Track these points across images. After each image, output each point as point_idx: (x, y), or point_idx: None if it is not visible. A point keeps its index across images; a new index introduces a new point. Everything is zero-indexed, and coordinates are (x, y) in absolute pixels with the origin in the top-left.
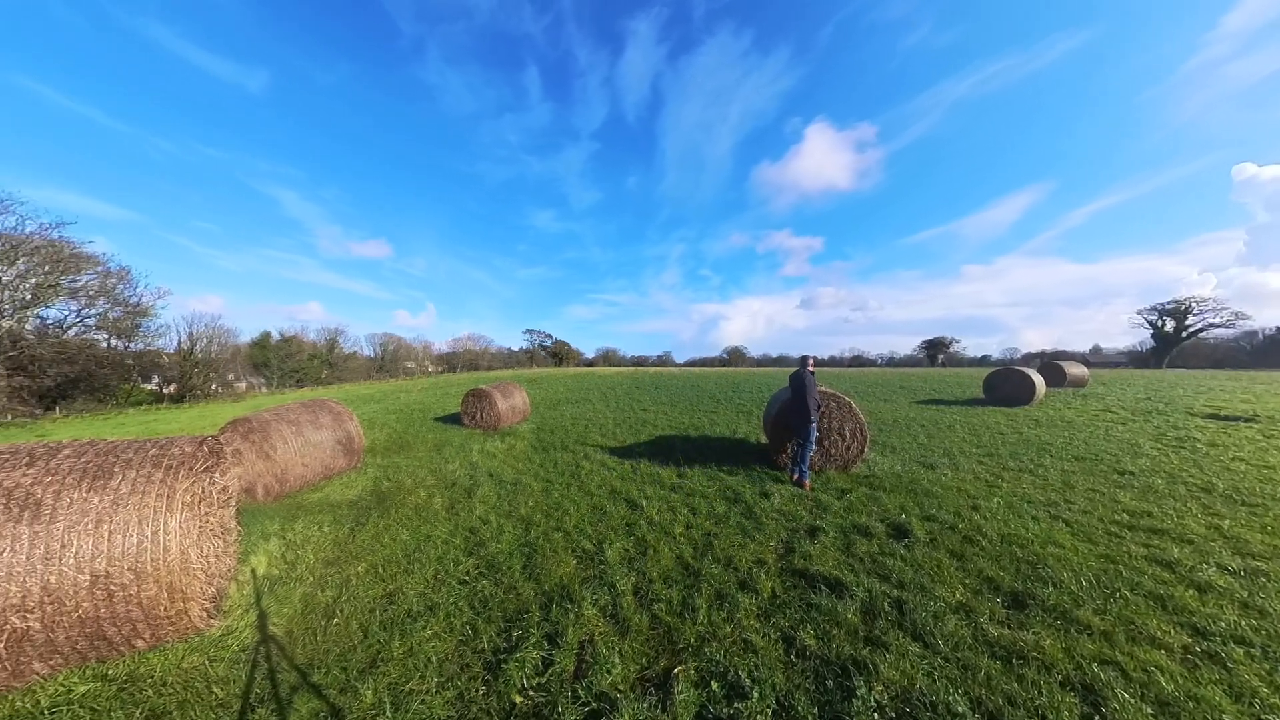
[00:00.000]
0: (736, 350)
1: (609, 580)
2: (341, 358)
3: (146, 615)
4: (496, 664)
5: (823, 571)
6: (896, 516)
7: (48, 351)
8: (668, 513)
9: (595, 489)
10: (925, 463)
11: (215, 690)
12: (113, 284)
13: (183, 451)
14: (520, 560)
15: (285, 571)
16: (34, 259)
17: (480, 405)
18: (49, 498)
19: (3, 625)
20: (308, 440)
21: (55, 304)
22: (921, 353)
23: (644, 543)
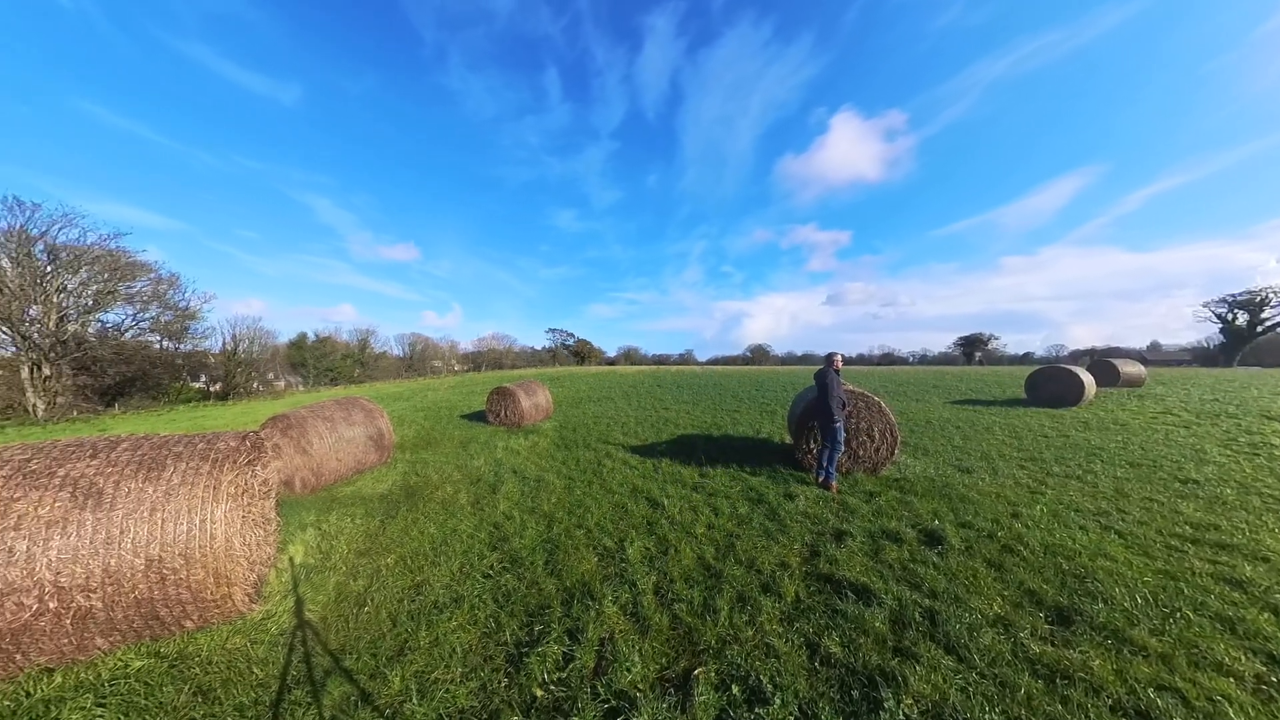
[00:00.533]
0: (760, 348)
1: (630, 578)
2: (372, 357)
3: (195, 598)
4: (518, 657)
5: (849, 577)
6: (929, 522)
7: (107, 353)
8: (689, 512)
9: (617, 487)
10: (961, 466)
11: (256, 670)
12: (164, 289)
13: (228, 446)
14: (543, 556)
15: (320, 561)
16: (95, 268)
17: (504, 403)
18: (110, 487)
19: (69, 603)
20: (341, 436)
21: (114, 309)
22: (957, 350)
23: (665, 542)
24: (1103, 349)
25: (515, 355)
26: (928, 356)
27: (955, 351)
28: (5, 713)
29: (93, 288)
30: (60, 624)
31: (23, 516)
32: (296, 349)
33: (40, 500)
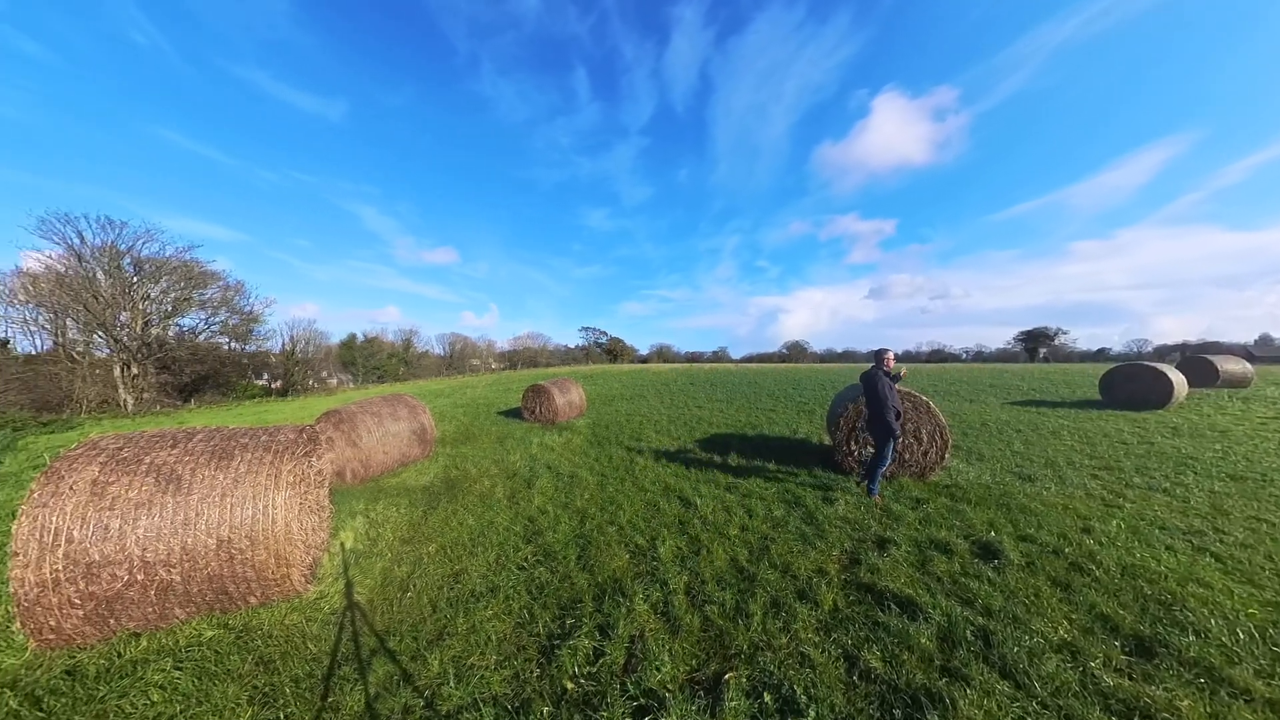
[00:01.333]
0: (797, 345)
1: (661, 577)
2: (415, 356)
3: (258, 576)
4: (550, 649)
5: (893, 588)
6: (984, 534)
7: (184, 353)
8: (722, 513)
9: (649, 485)
10: (1021, 474)
11: (310, 646)
12: (231, 296)
13: (287, 438)
14: (575, 551)
15: (368, 547)
16: (173, 277)
17: (539, 400)
18: (187, 473)
19: (154, 576)
20: (388, 431)
21: (189, 314)
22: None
23: (697, 542)
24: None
25: (549, 353)
26: (984, 353)
27: (1016, 347)
28: (101, 670)
29: (171, 295)
30: (146, 594)
31: (116, 498)
32: (347, 349)
33: (130, 484)
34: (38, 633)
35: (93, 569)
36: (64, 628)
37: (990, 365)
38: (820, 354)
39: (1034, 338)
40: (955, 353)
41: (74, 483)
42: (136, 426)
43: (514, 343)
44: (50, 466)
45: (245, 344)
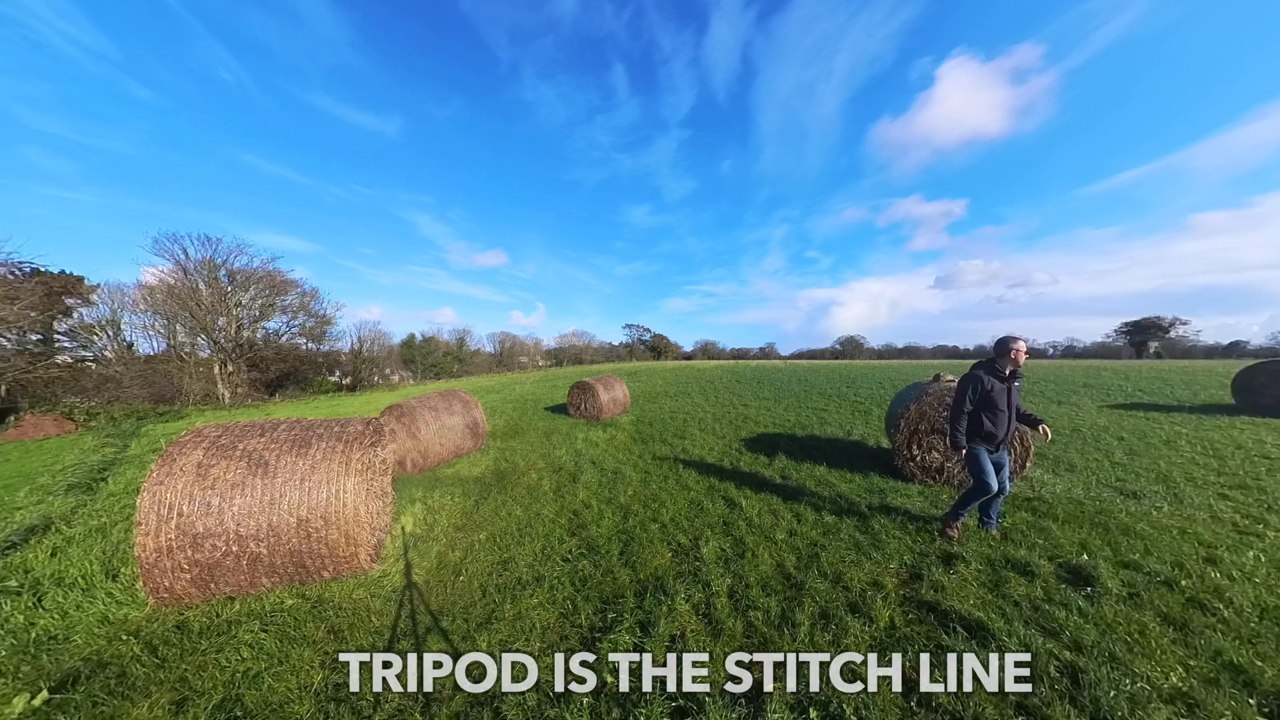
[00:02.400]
0: (852, 340)
1: (704, 578)
2: (468, 354)
3: (330, 553)
4: (592, 641)
5: (960, 610)
6: (1074, 556)
7: (270, 353)
8: (769, 515)
9: (693, 484)
10: (1124, 489)
11: (373, 619)
12: (308, 301)
13: (356, 429)
14: (618, 546)
15: (425, 532)
16: (259, 286)
17: (584, 397)
18: (273, 459)
19: (245, 548)
20: (444, 424)
21: (273, 318)
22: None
23: (742, 544)
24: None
25: (594, 351)
26: (1075, 348)
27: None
28: (203, 627)
29: (258, 302)
30: (239, 564)
31: (216, 479)
32: (407, 348)
33: (227, 467)
34: (155, 591)
35: (198, 539)
36: (175, 589)
37: (1084, 362)
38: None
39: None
40: (1039, 348)
41: (183, 465)
42: (232, 417)
43: (560, 340)
44: (165, 451)
45: (319, 344)
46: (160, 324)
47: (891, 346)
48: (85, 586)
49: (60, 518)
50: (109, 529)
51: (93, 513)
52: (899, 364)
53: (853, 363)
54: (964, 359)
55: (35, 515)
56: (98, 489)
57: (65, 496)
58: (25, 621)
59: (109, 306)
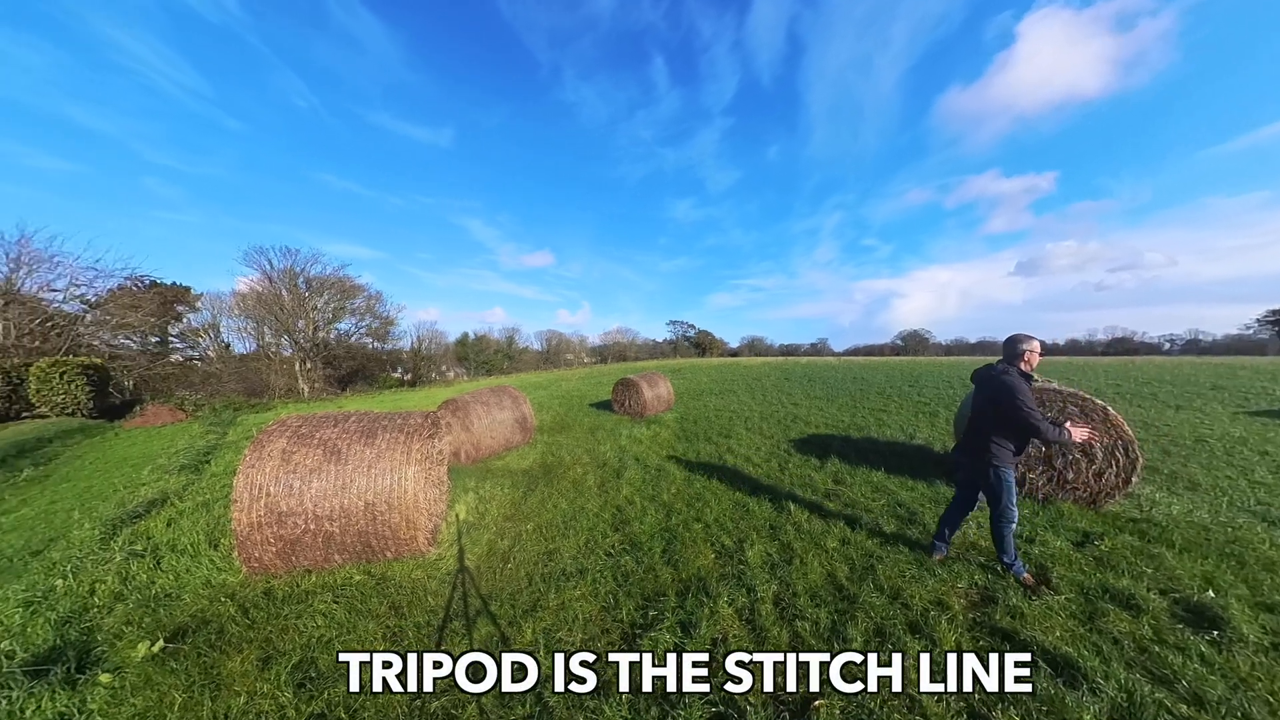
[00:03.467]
0: (916, 335)
1: (748, 582)
2: (517, 352)
3: (393, 536)
4: (633, 637)
5: (1042, 642)
6: (1194, 591)
7: (341, 352)
8: (819, 521)
9: (738, 484)
10: (1267, 516)
11: (429, 599)
12: (373, 304)
13: (416, 422)
14: (660, 544)
15: (477, 519)
16: (332, 291)
17: (628, 394)
18: (344, 447)
19: (320, 528)
20: (495, 418)
21: (343, 320)
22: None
23: (789, 550)
24: None
25: (638, 348)
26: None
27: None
28: (285, 595)
29: (331, 305)
30: (316, 540)
31: (297, 464)
32: (461, 346)
33: (307, 454)
34: (247, 561)
35: (282, 517)
36: (263, 560)
37: (1214, 359)
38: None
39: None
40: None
41: (270, 451)
42: (310, 409)
43: (604, 338)
44: (256, 438)
45: (384, 343)
46: (251, 326)
47: (962, 342)
48: (193, 553)
49: (174, 493)
50: (211, 505)
51: (199, 490)
52: (971, 361)
53: (916, 359)
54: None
55: (155, 491)
56: (203, 470)
57: (178, 475)
58: (148, 580)
59: (210, 312)
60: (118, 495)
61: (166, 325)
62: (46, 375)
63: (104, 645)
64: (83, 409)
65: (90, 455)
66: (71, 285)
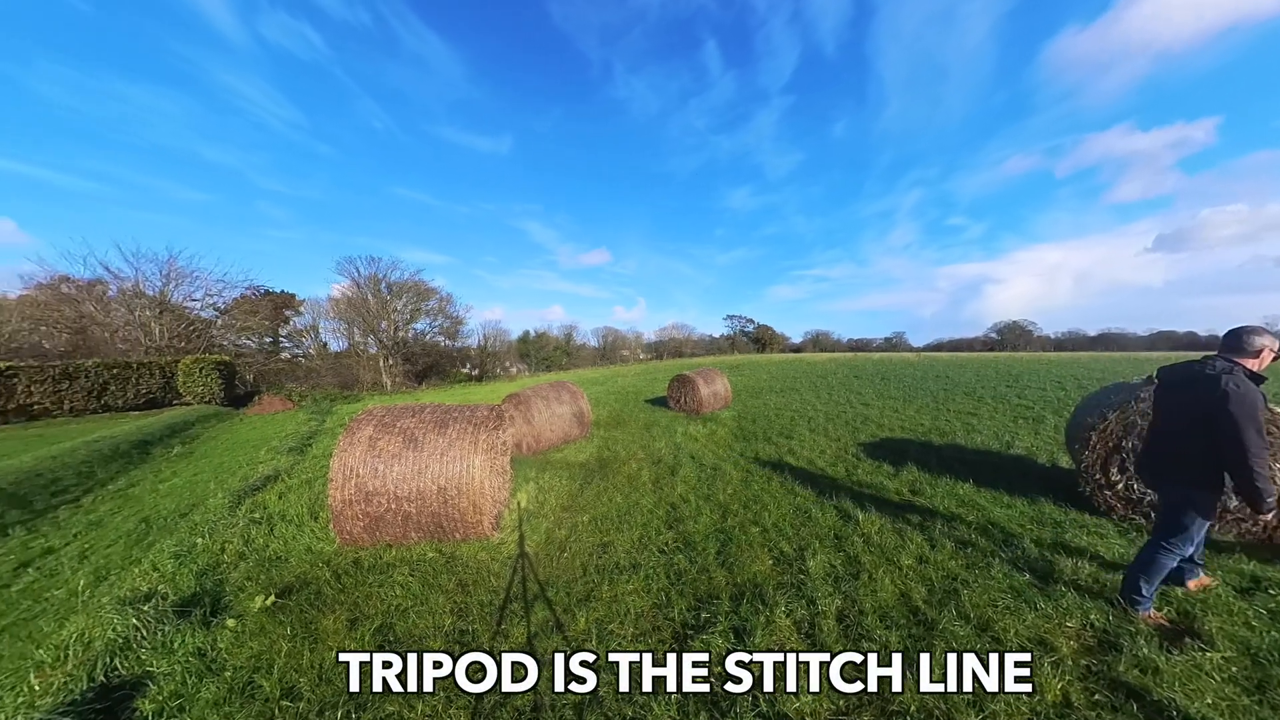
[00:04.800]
0: (1015, 327)
1: (809, 594)
2: (575, 348)
3: (461, 519)
4: (684, 637)
5: (1186, 708)
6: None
7: (418, 349)
8: (892, 535)
9: (799, 488)
10: None
11: (492, 580)
12: (445, 305)
13: (482, 414)
14: (715, 545)
15: (537, 508)
16: (409, 294)
17: (684, 390)
18: (420, 435)
19: (400, 508)
20: (554, 412)
21: (420, 320)
22: None
23: (857, 563)
24: None
25: (694, 344)
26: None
27: None
28: (370, 565)
29: (409, 308)
30: (395, 518)
31: (381, 450)
32: (522, 343)
33: (389, 441)
34: (340, 533)
35: (369, 496)
36: (353, 533)
37: None
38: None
39: None
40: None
41: (359, 437)
42: (392, 401)
43: (660, 334)
44: (348, 426)
45: (454, 341)
46: (343, 327)
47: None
48: (298, 523)
49: (284, 471)
50: (313, 482)
51: (303, 469)
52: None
53: (1016, 355)
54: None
55: (270, 468)
56: (306, 452)
57: (286, 456)
58: (263, 544)
59: (311, 316)
60: (241, 471)
61: (277, 327)
62: (190, 370)
63: (230, 595)
64: (216, 398)
65: (221, 437)
66: (206, 295)
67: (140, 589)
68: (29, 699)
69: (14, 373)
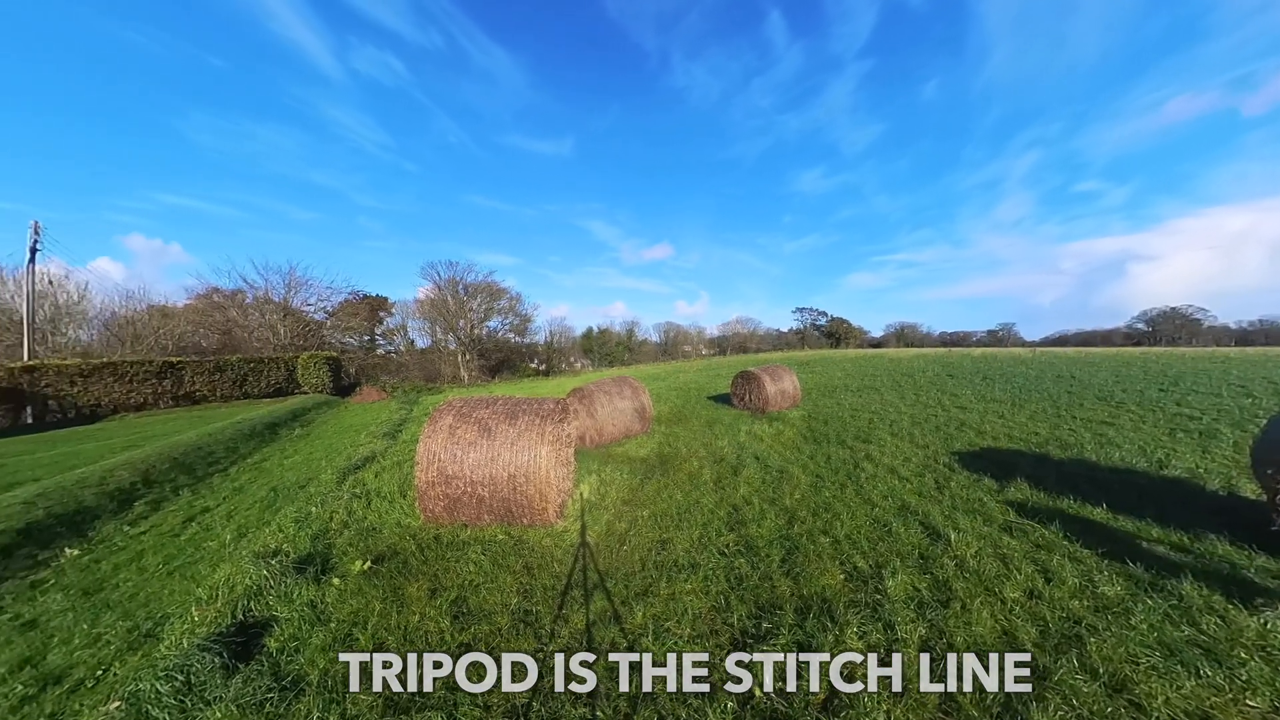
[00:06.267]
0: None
1: (886, 617)
2: (636, 344)
3: (528, 505)
4: (743, 644)
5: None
6: None
7: (491, 346)
8: (994, 561)
9: (878, 498)
10: None
11: (555, 565)
12: (515, 304)
13: (549, 407)
14: (779, 552)
15: (598, 500)
16: (483, 295)
17: (749, 387)
18: (493, 425)
19: (474, 491)
20: (616, 407)
21: (492, 319)
22: None
23: (947, 589)
24: None
25: (760, 338)
26: None
27: None
28: (448, 542)
29: (483, 307)
30: (471, 501)
31: (460, 438)
32: (586, 339)
33: (466, 430)
34: (424, 511)
35: (448, 480)
36: (435, 511)
37: None
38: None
39: None
40: None
41: (441, 426)
42: (469, 393)
43: (723, 328)
44: (431, 415)
45: (523, 338)
46: (427, 326)
47: (1273, 324)
48: (390, 500)
49: (379, 453)
50: (402, 464)
51: (394, 452)
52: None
53: (1175, 351)
54: None
55: (368, 450)
56: (397, 437)
57: (381, 440)
58: (362, 515)
59: (400, 316)
60: (346, 451)
61: (373, 327)
62: (307, 364)
63: (336, 558)
64: (326, 388)
65: (330, 421)
66: (318, 300)
67: (269, 546)
68: (192, 627)
69: (182, 365)
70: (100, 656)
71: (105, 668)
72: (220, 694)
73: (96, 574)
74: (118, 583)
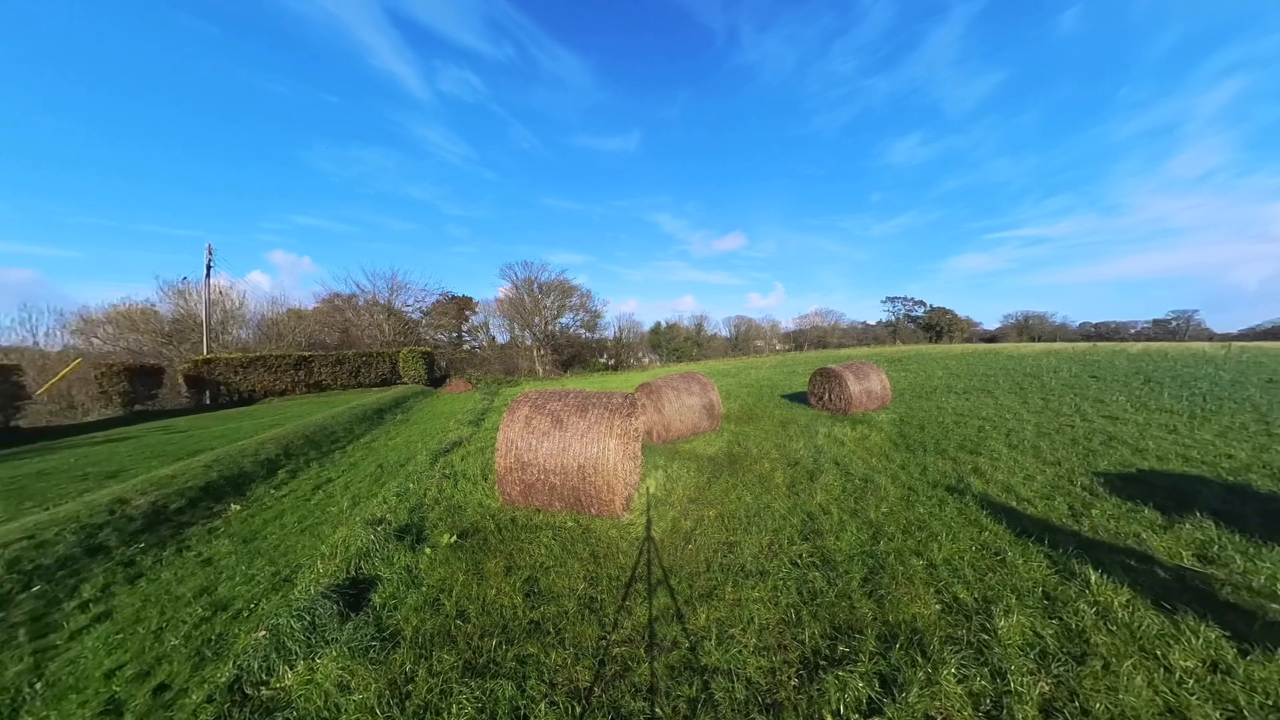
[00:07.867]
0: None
1: (994, 662)
2: (705, 339)
3: (596, 496)
4: (815, 667)
5: None
6: None
7: (563, 341)
8: (1154, 615)
9: (988, 521)
10: None
11: (620, 557)
12: (585, 301)
13: (617, 401)
14: (861, 570)
15: (664, 496)
16: (555, 293)
17: (828, 386)
18: (564, 416)
19: (547, 479)
20: (684, 403)
21: (565, 315)
22: None
23: (1081, 641)
24: None
25: (842, 332)
26: None
27: None
28: (522, 524)
29: (556, 304)
30: (543, 488)
31: (534, 428)
32: (654, 334)
33: (540, 420)
34: (502, 494)
35: (524, 467)
36: (511, 495)
37: None
38: None
39: None
40: None
41: (518, 416)
42: (543, 386)
43: (800, 322)
44: (509, 406)
45: (593, 333)
46: (506, 323)
47: None
48: (473, 482)
49: (465, 439)
50: (484, 449)
51: (477, 438)
52: None
53: None
54: None
55: (455, 436)
56: (480, 425)
57: (467, 427)
58: (450, 494)
59: (483, 315)
60: (437, 436)
61: (460, 325)
62: (406, 358)
63: (428, 530)
64: (422, 380)
65: (425, 409)
66: (415, 301)
67: (376, 514)
68: (317, 577)
69: (312, 359)
70: (253, 593)
71: (256, 602)
72: (336, 636)
73: (251, 526)
74: (265, 535)
